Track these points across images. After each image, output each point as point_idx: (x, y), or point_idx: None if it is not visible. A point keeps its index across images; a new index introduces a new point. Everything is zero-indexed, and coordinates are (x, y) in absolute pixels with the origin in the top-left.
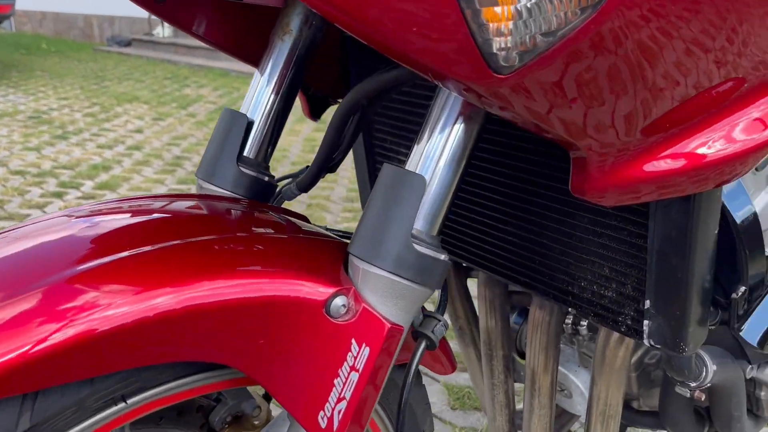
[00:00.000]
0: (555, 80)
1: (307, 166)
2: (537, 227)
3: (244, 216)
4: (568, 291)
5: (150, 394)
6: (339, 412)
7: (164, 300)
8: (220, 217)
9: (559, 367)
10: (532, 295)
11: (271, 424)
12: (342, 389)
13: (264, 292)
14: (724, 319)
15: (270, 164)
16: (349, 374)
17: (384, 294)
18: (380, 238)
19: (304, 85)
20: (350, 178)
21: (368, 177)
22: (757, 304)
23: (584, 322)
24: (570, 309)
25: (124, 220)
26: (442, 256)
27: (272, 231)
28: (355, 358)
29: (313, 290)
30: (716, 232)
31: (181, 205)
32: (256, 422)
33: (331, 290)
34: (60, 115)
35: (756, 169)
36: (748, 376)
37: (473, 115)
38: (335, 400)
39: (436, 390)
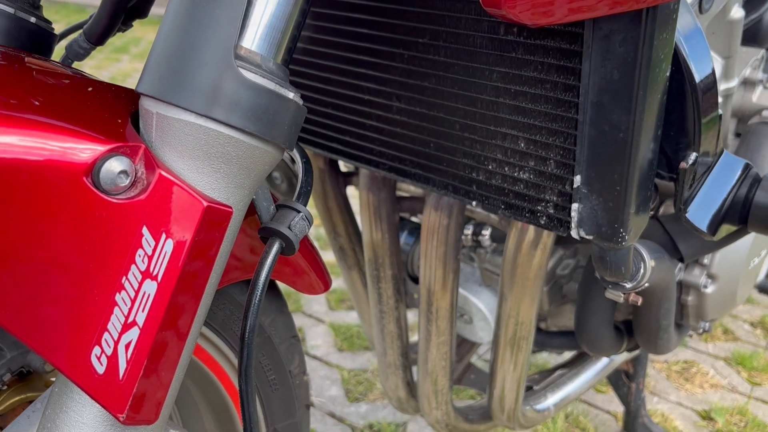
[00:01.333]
0: None
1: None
2: (429, 97)
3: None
4: (471, 179)
5: None
6: (127, 346)
7: None
8: None
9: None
10: (425, 195)
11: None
12: (131, 309)
13: None
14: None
15: None
16: (140, 284)
17: (196, 153)
18: (185, 62)
19: None
20: None
21: None
22: (703, 182)
23: (486, 231)
24: (473, 203)
25: None
26: (291, 95)
27: (27, 73)
28: (150, 257)
29: (70, 149)
30: (668, 76)
31: None
32: (53, 379)
33: (101, 147)
34: None
35: (701, 11)
36: (676, 279)
37: None
38: (119, 327)
39: (321, 332)
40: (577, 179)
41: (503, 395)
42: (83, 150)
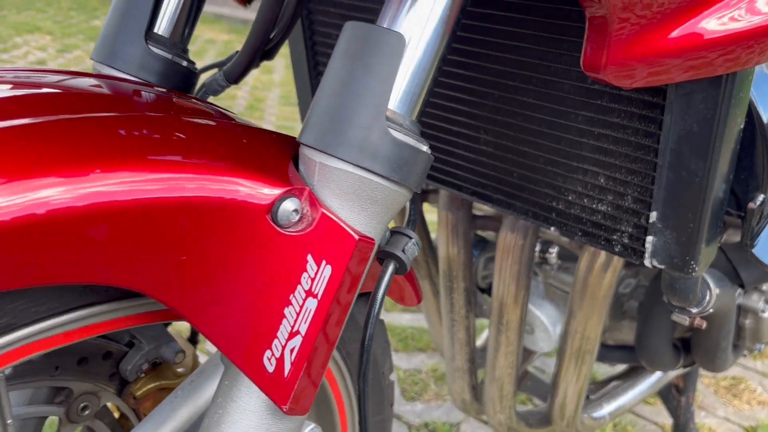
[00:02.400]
0: None
1: (237, 51)
2: (516, 132)
3: (159, 99)
4: (551, 207)
5: (23, 335)
6: (292, 351)
7: (49, 194)
8: (128, 97)
9: None
10: (502, 216)
11: (199, 372)
12: (296, 321)
13: (186, 192)
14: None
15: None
16: (304, 301)
17: (349, 196)
18: (344, 121)
19: None
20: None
21: (309, 80)
22: None
23: (553, 249)
24: (552, 229)
25: None
26: (425, 148)
27: (196, 118)
28: (313, 279)
29: (253, 190)
30: (741, 128)
31: (78, 81)
32: (179, 370)
33: (277, 190)
34: None
35: None
36: (736, 303)
37: None
38: (286, 335)
39: None
40: (653, 215)
41: (564, 403)
42: (264, 191)
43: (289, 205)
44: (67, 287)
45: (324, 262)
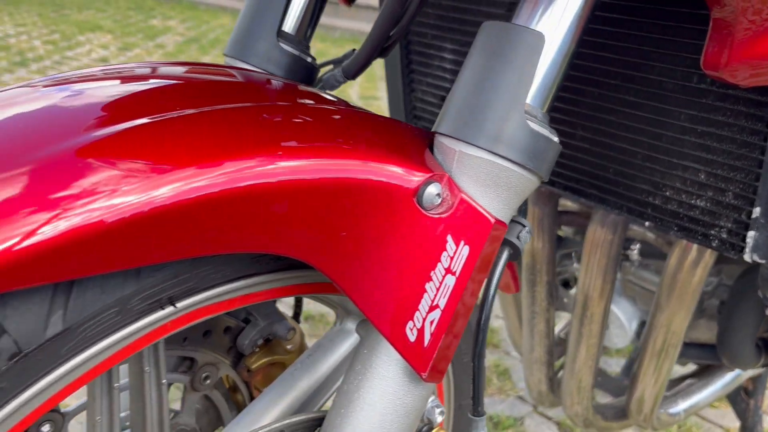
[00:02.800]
0: None
1: (354, 50)
2: (615, 129)
3: (297, 91)
4: (647, 203)
5: (203, 298)
6: (431, 322)
7: (230, 172)
8: (267, 88)
9: None
10: (591, 212)
11: (317, 346)
12: (435, 296)
13: (347, 174)
14: None
15: None
16: (444, 278)
17: (486, 182)
18: (484, 113)
19: None
20: None
21: (401, 78)
22: None
23: (635, 246)
24: (647, 224)
25: (137, 84)
26: (556, 138)
27: (336, 108)
28: (452, 258)
29: (402, 175)
30: None
31: (212, 73)
32: (289, 347)
33: (423, 176)
34: (18, 42)
35: None
36: None
37: None
38: (427, 308)
39: None
40: (757, 211)
41: (643, 398)
42: (411, 177)
43: (432, 190)
44: (238, 258)
45: (462, 243)
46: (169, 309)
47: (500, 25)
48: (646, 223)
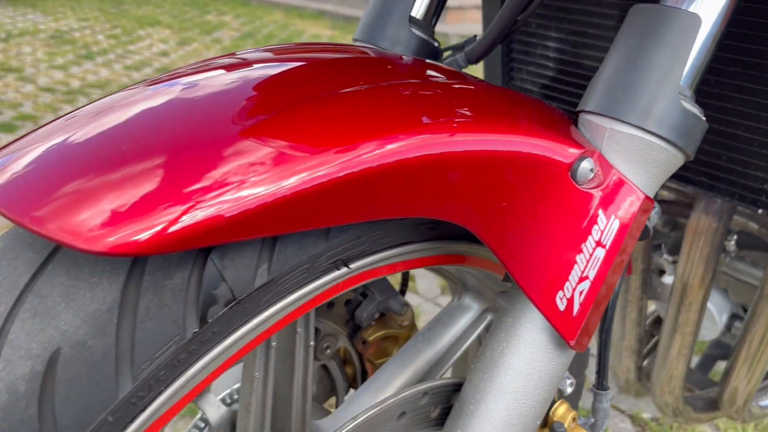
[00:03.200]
0: None
1: (476, 36)
2: (730, 116)
3: (444, 70)
4: (761, 190)
5: (373, 260)
6: (581, 293)
7: (414, 143)
8: (409, 66)
9: None
10: (694, 200)
11: (437, 320)
12: (585, 267)
13: (513, 147)
14: None
15: None
16: (594, 250)
17: (636, 158)
18: (636, 91)
19: None
20: None
21: (501, 83)
22: None
23: (732, 237)
24: (759, 211)
25: (292, 66)
26: (703, 117)
27: (484, 86)
28: (602, 232)
29: (559, 150)
30: None
31: (350, 53)
32: (402, 322)
33: (577, 151)
34: (82, 36)
35: None
36: None
37: None
38: (577, 279)
39: None
40: None
41: (737, 390)
42: (566, 152)
43: (586, 165)
44: (404, 225)
45: (613, 217)
46: (344, 270)
47: (652, 8)
48: (759, 211)
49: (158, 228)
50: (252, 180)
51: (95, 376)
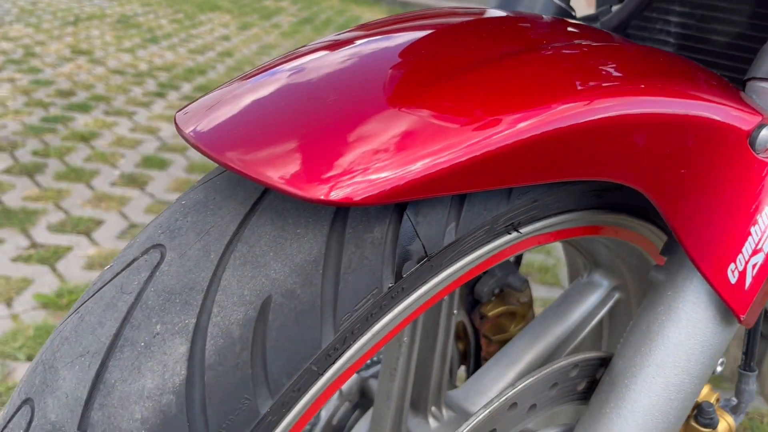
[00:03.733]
0: None
1: (611, 6)
2: None
3: (591, 31)
4: None
5: (540, 226)
6: (753, 266)
7: (602, 105)
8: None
9: None
10: None
11: (564, 296)
12: (760, 240)
13: (695, 112)
14: None
15: None
16: None
17: None
18: None
19: None
20: None
21: None
22: None
23: None
24: None
25: (448, 33)
26: None
27: (646, 48)
28: None
29: (738, 117)
30: None
31: (500, 15)
32: (521, 299)
33: (756, 119)
34: (147, 20)
35: None
36: None
37: None
38: (750, 251)
39: None
40: None
41: None
42: (744, 119)
43: (765, 133)
44: (574, 190)
45: None
46: (514, 234)
47: None
48: None
49: (364, 180)
50: (445, 141)
51: (302, 325)
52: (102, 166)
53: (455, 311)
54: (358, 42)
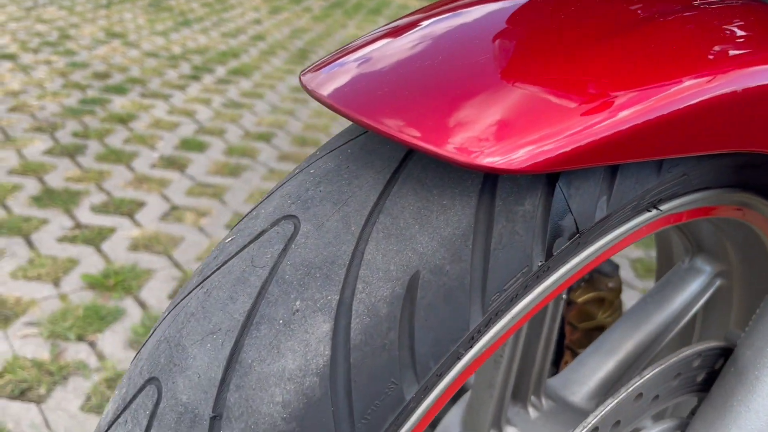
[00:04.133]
0: None
1: None
2: None
3: None
4: None
5: (678, 203)
6: None
7: (761, 70)
8: None
9: None
10: None
11: (665, 282)
12: None
13: None
14: None
15: None
16: None
17: None
18: None
19: None
20: None
21: None
22: None
23: None
24: None
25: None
26: None
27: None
28: None
29: None
30: None
31: None
32: (610, 285)
33: None
34: (178, 4)
35: None
36: None
37: None
38: None
39: (632, 297)
40: None
41: None
42: None
43: None
44: (716, 166)
45: None
46: (653, 212)
47: None
48: None
49: (518, 147)
50: (599, 110)
51: (451, 304)
52: (141, 148)
53: (564, 295)
54: (480, 6)
